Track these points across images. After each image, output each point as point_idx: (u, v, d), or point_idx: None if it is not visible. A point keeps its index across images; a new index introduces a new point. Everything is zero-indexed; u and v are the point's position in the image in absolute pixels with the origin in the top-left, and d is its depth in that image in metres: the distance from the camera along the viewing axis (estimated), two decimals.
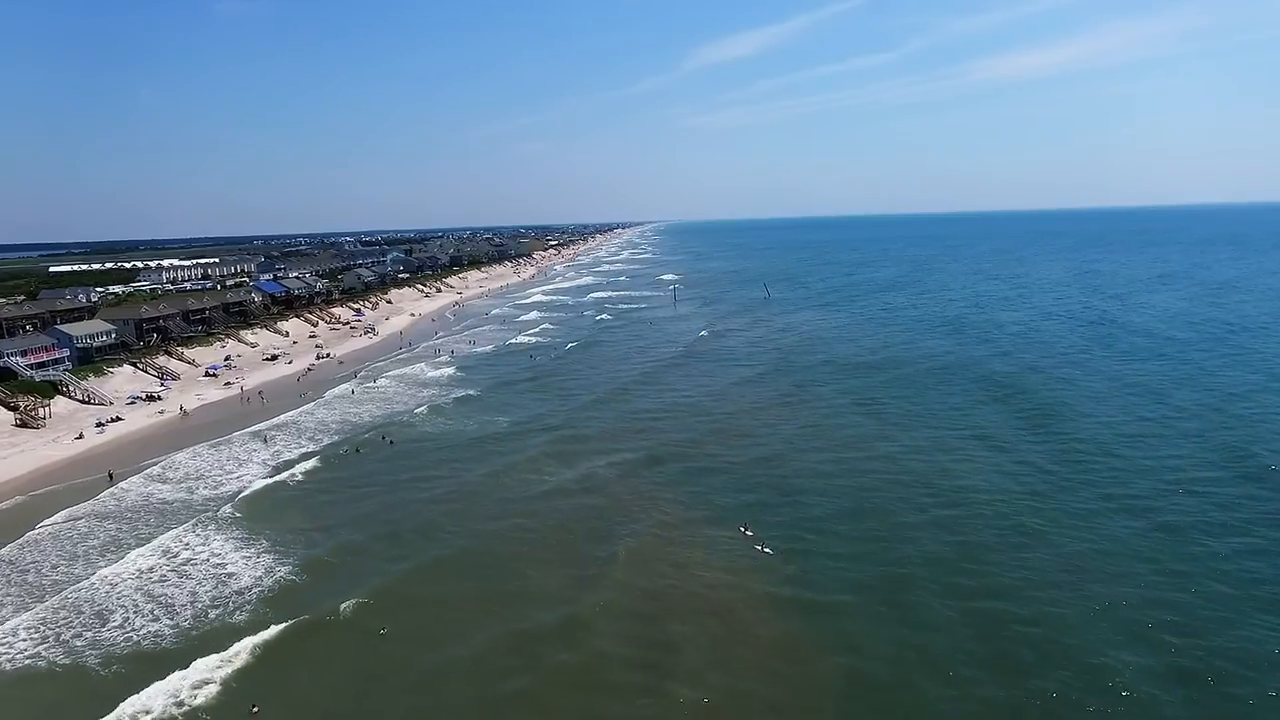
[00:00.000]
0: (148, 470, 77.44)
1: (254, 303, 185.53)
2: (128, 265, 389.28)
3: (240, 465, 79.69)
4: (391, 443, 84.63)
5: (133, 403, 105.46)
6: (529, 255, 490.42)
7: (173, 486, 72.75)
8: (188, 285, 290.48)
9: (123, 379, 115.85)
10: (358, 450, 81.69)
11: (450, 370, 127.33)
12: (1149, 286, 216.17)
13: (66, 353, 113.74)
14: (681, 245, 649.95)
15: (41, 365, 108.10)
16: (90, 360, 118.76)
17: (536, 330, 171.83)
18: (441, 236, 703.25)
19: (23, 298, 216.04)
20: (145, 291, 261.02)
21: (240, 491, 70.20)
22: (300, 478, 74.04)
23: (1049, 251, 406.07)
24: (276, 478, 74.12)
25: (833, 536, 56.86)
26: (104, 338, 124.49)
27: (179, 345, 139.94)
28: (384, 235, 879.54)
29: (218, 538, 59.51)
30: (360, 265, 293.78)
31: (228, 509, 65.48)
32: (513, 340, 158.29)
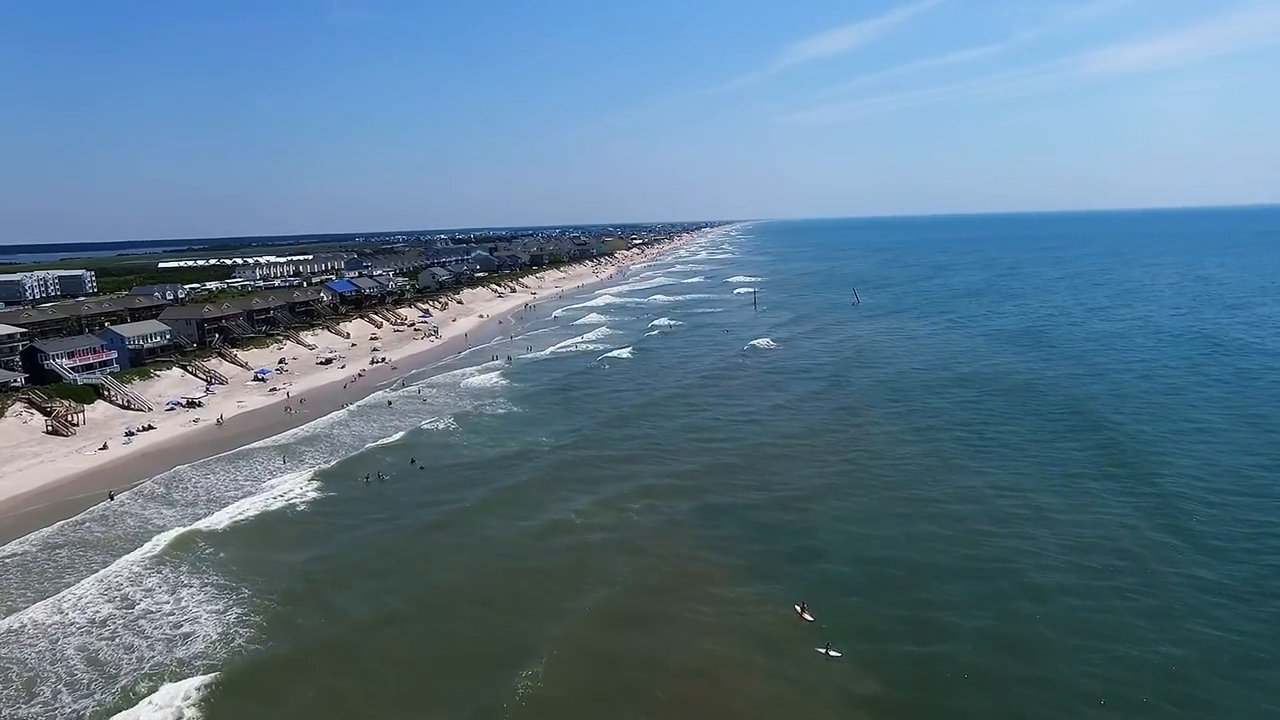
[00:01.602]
0: (155, 488, 74.00)
1: (322, 303, 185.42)
2: (229, 262, 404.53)
3: (252, 485, 75.33)
4: (422, 467, 78.58)
5: (171, 409, 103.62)
6: (611, 255, 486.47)
7: (172, 510, 68.65)
8: (277, 282, 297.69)
9: (169, 383, 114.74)
10: (381, 477, 75.54)
11: (500, 379, 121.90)
12: (1275, 296, 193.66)
13: (115, 355, 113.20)
14: (765, 246, 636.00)
15: (89, 367, 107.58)
16: (141, 362, 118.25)
17: (596, 336, 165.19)
18: (531, 235, 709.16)
19: (125, 293, 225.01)
20: (237, 288, 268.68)
21: (236, 520, 65.53)
22: (303, 507, 68.79)
23: (1159, 254, 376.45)
24: (281, 503, 69.30)
25: (870, 612, 47.35)
26: (157, 339, 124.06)
27: (234, 347, 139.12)
28: (478, 233, 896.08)
29: (192, 581, 54.41)
30: (435, 265, 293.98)
31: (214, 544, 60.66)
32: (571, 347, 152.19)
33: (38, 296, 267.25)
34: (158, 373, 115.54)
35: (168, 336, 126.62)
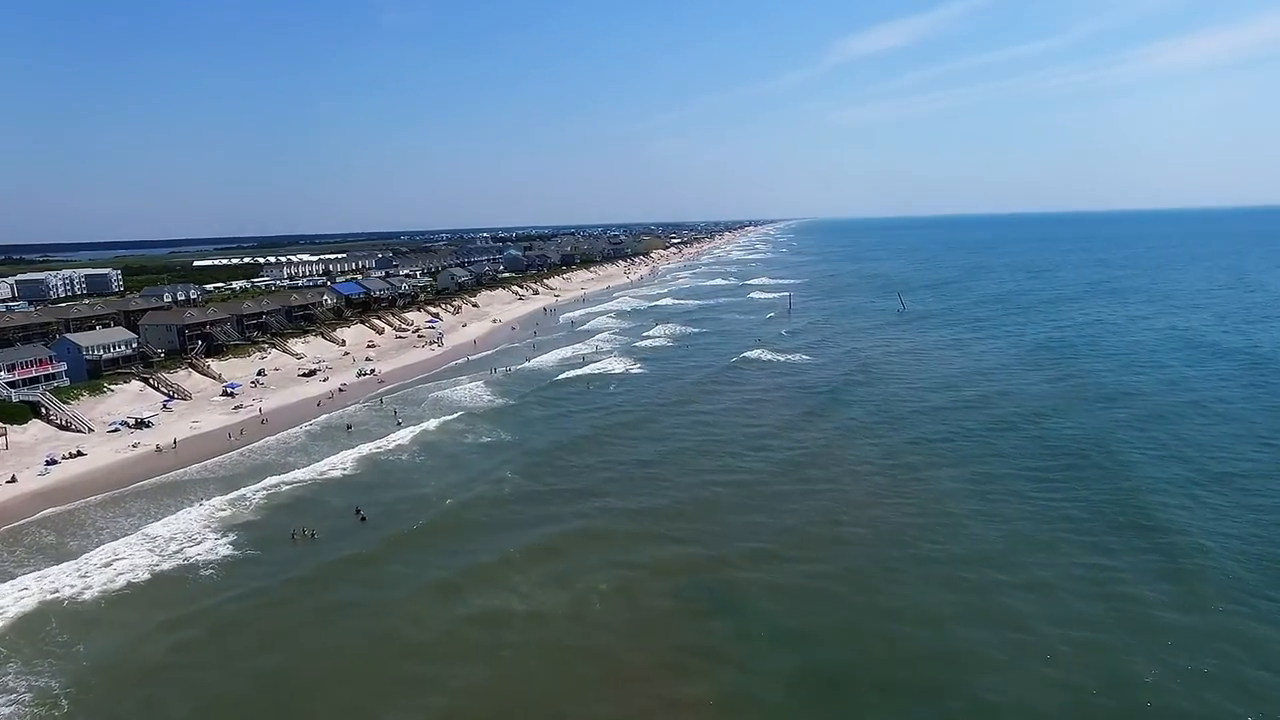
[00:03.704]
0: (42, 536, 63.46)
1: (322, 306, 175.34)
2: (262, 260, 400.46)
3: (159, 533, 63.98)
4: (364, 519, 66.00)
5: (115, 430, 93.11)
6: (646, 254, 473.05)
7: (48, 566, 57.06)
8: (302, 282, 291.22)
9: (124, 398, 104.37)
10: (311, 535, 62.82)
11: (487, 395, 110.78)
12: None
13: (65, 367, 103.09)
14: (806, 246, 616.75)
15: (32, 381, 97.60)
16: (99, 374, 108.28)
17: (604, 346, 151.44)
18: (572, 233, 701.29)
19: (131, 295, 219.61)
20: (261, 287, 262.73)
21: (114, 586, 54.30)
22: (208, 571, 56.86)
23: (1213, 255, 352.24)
24: (179, 563, 58.00)
25: None
26: (120, 348, 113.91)
27: (214, 356, 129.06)
28: (521, 231, 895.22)
29: (18, 684, 43.03)
30: (455, 265, 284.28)
31: (69, 624, 49.36)
32: (575, 357, 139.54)
33: (62, 295, 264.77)
34: (112, 387, 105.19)
35: (134, 345, 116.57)
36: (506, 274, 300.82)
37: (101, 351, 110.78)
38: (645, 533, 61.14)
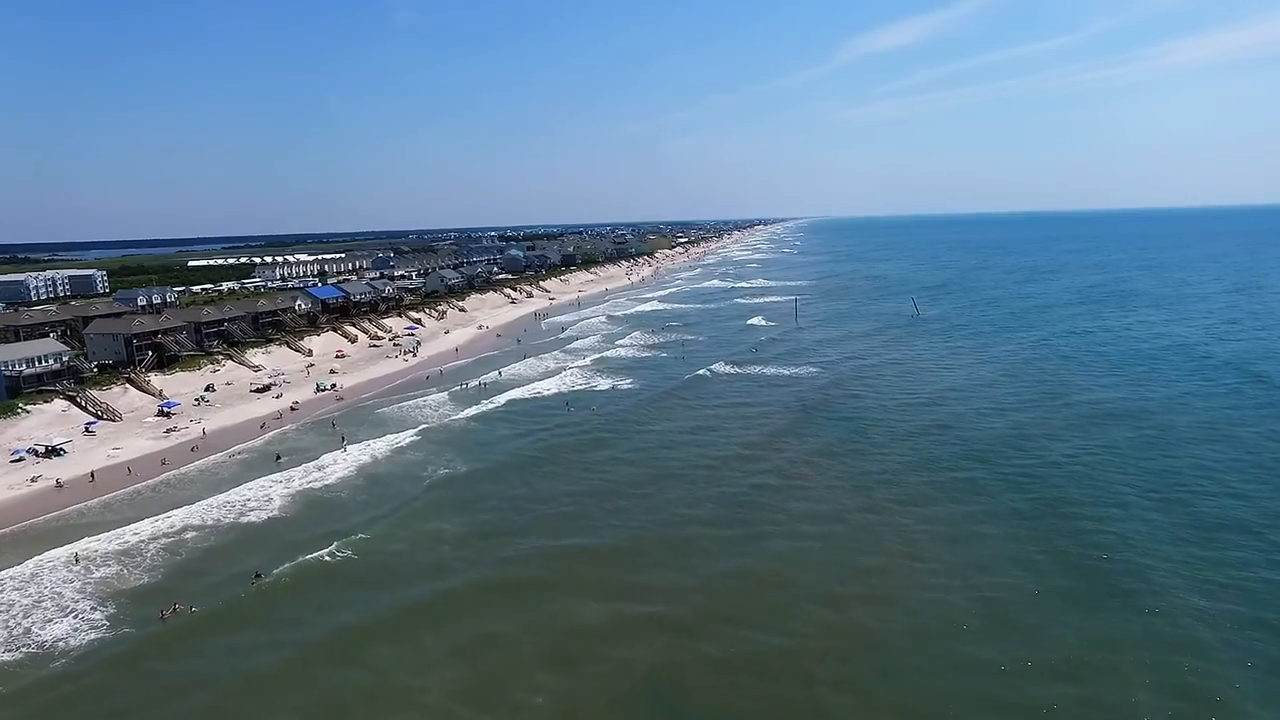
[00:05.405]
0: None
1: (294, 312, 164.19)
2: (256, 260, 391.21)
3: (21, 596, 53.66)
4: (256, 584, 54.16)
5: (19, 459, 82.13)
6: (651, 254, 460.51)
7: None
8: (294, 283, 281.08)
9: (42, 420, 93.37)
10: (185, 609, 51.06)
11: (454, 415, 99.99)
12: None
13: None
14: (814, 247, 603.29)
15: None
16: (18, 392, 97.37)
17: (590, 356, 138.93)
18: (580, 233, 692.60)
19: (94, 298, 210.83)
20: (250, 289, 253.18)
21: None
22: (58, 665, 45.74)
23: (1226, 254, 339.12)
24: (29, 655, 46.90)
25: None
26: (46, 362, 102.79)
27: (158, 370, 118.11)
28: (529, 230, 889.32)
29: None
30: (445, 267, 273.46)
31: None
32: (556, 367, 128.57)
33: (43, 297, 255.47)
34: (29, 407, 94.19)
35: (63, 359, 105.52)
36: (502, 275, 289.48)
37: (23, 366, 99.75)
38: (592, 582, 52.89)
